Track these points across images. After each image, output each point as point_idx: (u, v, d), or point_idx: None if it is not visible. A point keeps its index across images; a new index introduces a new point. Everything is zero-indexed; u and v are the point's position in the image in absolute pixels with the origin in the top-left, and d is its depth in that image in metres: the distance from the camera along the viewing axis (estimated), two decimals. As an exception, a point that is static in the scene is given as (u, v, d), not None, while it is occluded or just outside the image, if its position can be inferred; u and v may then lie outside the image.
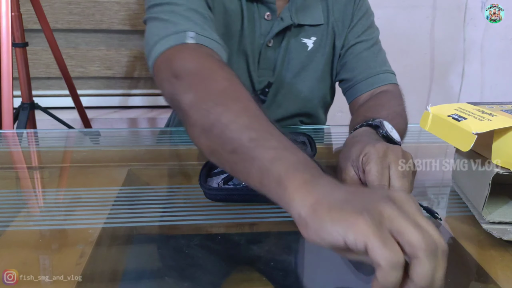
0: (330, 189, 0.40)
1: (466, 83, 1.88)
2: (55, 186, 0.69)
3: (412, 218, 0.36)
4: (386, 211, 0.35)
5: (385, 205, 0.36)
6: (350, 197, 0.38)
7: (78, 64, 1.70)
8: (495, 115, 0.55)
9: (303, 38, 0.88)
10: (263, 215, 0.58)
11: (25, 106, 1.39)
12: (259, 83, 0.89)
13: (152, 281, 0.47)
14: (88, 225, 0.55)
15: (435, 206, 0.62)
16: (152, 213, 0.58)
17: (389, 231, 0.35)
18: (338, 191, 0.39)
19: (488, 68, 1.89)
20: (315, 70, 0.91)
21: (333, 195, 0.38)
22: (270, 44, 0.86)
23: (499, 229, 0.53)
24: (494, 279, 0.46)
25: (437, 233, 0.36)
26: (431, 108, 0.62)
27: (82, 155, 0.81)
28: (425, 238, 0.34)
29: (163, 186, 0.67)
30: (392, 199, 0.37)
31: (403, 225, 0.35)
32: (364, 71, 0.88)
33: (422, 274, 0.34)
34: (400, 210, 0.36)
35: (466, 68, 1.86)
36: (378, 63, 0.89)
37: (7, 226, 0.55)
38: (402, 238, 0.34)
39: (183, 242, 0.53)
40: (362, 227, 0.34)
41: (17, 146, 0.88)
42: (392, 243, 0.34)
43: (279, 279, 0.47)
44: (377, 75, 0.87)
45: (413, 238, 0.34)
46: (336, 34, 0.90)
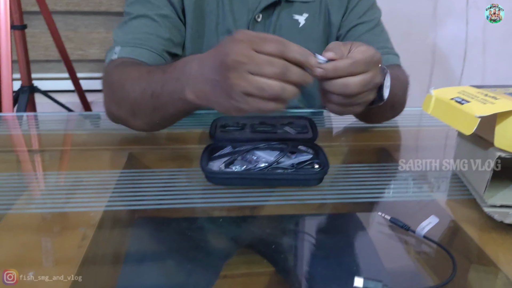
0: (201, 77, 0.58)
1: (467, 67, 1.86)
2: (56, 169, 0.69)
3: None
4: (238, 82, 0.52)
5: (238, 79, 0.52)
6: (215, 77, 0.54)
7: (77, 47, 1.68)
8: (498, 98, 0.55)
9: (294, 14, 0.87)
10: (264, 198, 0.58)
11: (25, 90, 1.38)
12: None
13: (154, 264, 0.47)
14: (89, 208, 0.55)
15: (436, 189, 0.62)
16: (153, 196, 0.58)
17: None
18: (206, 75, 0.57)
19: (490, 52, 1.87)
20: (307, 48, 0.90)
21: (204, 83, 0.57)
22: (259, 19, 0.85)
23: (501, 212, 0.53)
24: (495, 262, 0.46)
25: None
26: (434, 91, 0.62)
27: (83, 138, 0.81)
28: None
29: (164, 169, 0.67)
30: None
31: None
32: None
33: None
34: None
35: (468, 52, 1.85)
36: (381, 45, 0.88)
37: (8, 209, 0.55)
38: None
39: (185, 225, 0.53)
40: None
41: (17, 129, 0.87)
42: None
43: (280, 262, 0.47)
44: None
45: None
46: (331, 11, 0.88)
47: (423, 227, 0.49)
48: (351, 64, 0.57)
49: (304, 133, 0.73)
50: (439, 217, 0.50)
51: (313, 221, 0.57)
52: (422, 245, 0.49)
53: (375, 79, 0.59)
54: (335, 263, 0.47)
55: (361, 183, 0.63)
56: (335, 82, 0.57)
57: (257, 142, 0.67)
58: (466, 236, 0.51)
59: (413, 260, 0.48)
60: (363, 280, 0.40)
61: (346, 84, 0.57)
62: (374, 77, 0.59)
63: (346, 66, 0.56)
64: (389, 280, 0.41)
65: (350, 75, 0.57)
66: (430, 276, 0.45)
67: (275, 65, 0.52)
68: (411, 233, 0.50)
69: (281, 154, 0.63)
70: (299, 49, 0.54)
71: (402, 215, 0.55)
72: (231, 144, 0.67)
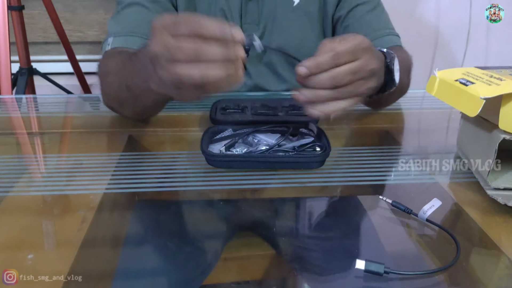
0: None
1: (470, 49, 1.84)
2: (55, 152, 0.69)
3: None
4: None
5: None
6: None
7: (76, 29, 1.66)
8: (503, 80, 0.54)
9: None
10: (265, 181, 0.58)
11: (23, 72, 1.37)
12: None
13: (154, 247, 0.47)
14: (89, 190, 0.55)
15: (439, 172, 0.62)
16: (153, 179, 0.58)
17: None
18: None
19: (494, 35, 1.85)
20: (302, 27, 0.89)
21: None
22: None
23: (504, 195, 0.52)
24: (498, 245, 0.46)
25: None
26: (438, 73, 0.61)
27: (82, 121, 0.80)
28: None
29: (164, 152, 0.66)
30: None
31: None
32: (367, 34, 0.85)
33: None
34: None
35: (472, 34, 1.83)
36: (382, 26, 0.87)
37: (7, 191, 0.54)
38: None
39: (185, 207, 0.53)
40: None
41: (16, 112, 0.87)
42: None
43: (280, 244, 0.47)
44: (381, 38, 0.85)
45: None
46: None
47: (425, 210, 0.49)
48: (334, 55, 0.53)
49: (306, 116, 0.72)
50: (442, 200, 0.50)
51: (314, 204, 0.56)
52: (424, 228, 0.49)
53: (367, 66, 0.56)
54: (336, 246, 0.47)
55: (363, 166, 0.62)
56: (321, 77, 0.54)
57: (258, 124, 0.66)
58: (469, 219, 0.51)
59: (415, 243, 0.48)
60: (365, 262, 0.40)
61: (333, 76, 0.54)
62: (365, 65, 0.55)
63: (329, 59, 0.53)
64: (390, 263, 0.41)
65: (336, 67, 0.54)
66: (433, 260, 0.45)
67: (185, 49, 0.47)
68: (413, 216, 0.50)
69: (282, 137, 0.63)
70: (217, 25, 0.48)
71: (405, 198, 0.54)
72: (232, 127, 0.67)
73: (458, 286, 0.41)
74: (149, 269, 0.43)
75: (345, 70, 0.54)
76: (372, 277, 0.40)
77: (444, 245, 0.46)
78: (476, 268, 0.43)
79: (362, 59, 0.55)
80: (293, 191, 0.57)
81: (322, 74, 0.54)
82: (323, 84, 0.54)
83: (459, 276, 0.42)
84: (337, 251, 0.46)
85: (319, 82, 0.54)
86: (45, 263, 0.42)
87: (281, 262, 0.44)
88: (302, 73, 0.54)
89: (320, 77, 0.54)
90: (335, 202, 0.56)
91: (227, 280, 0.41)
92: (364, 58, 0.55)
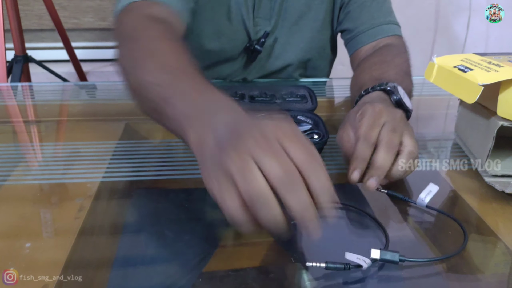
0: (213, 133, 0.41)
1: (471, 34, 1.83)
2: (52, 140, 0.68)
3: (273, 149, 0.37)
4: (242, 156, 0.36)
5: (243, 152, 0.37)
6: (224, 143, 0.39)
7: (72, 15, 1.65)
8: (502, 66, 0.53)
9: None
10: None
11: (19, 59, 1.36)
12: (255, 33, 0.86)
13: (152, 235, 0.46)
14: (86, 179, 0.54)
15: (436, 159, 0.62)
16: (150, 167, 0.58)
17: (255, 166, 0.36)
18: (219, 131, 0.40)
19: (494, 19, 1.84)
20: (313, 19, 0.88)
21: (213, 138, 0.40)
22: None
23: (502, 182, 0.52)
24: (495, 232, 0.46)
25: (303, 159, 0.37)
26: (437, 59, 0.60)
27: (79, 109, 0.79)
28: (282, 169, 0.36)
29: (161, 140, 0.66)
30: (258, 137, 0.38)
31: (262, 161, 0.36)
32: (367, 22, 0.85)
33: (289, 204, 0.36)
34: (260, 147, 0.37)
35: (472, 19, 1.81)
36: (383, 13, 0.86)
37: (4, 180, 0.54)
38: (263, 171, 0.36)
39: (183, 196, 0.53)
40: (215, 187, 0.37)
41: (12, 100, 0.86)
42: (229, 197, 0.36)
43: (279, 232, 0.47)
44: (380, 26, 0.84)
45: (269, 170, 0.36)
46: None
47: (423, 196, 0.49)
48: (365, 144, 0.50)
49: (304, 103, 0.72)
50: (440, 187, 0.50)
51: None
52: (424, 215, 0.49)
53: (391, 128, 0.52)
54: (334, 234, 0.47)
55: (361, 153, 0.62)
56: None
57: (255, 112, 0.66)
58: (467, 206, 0.51)
59: (418, 230, 0.48)
60: (380, 251, 0.40)
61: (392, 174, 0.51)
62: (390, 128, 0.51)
63: (366, 149, 0.50)
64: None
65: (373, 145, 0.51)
66: (436, 246, 0.45)
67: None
68: (412, 203, 0.50)
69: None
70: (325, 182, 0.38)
71: (403, 185, 0.54)
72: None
73: (456, 272, 0.41)
74: (148, 257, 0.43)
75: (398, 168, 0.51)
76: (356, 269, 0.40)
77: (444, 231, 0.47)
78: (473, 254, 0.43)
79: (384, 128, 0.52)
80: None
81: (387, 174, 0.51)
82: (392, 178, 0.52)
83: (456, 263, 0.42)
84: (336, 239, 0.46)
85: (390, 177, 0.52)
86: (42, 252, 0.42)
87: (279, 250, 0.44)
88: (357, 178, 0.50)
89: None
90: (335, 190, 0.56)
91: (226, 267, 0.41)
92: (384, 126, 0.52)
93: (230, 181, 0.36)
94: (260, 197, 0.35)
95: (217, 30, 0.85)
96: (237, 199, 0.36)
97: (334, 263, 0.39)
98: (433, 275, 0.41)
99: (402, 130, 0.52)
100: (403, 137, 0.52)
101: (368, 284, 0.40)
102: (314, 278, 0.40)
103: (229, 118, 0.42)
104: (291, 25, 0.87)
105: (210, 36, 0.85)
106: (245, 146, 0.37)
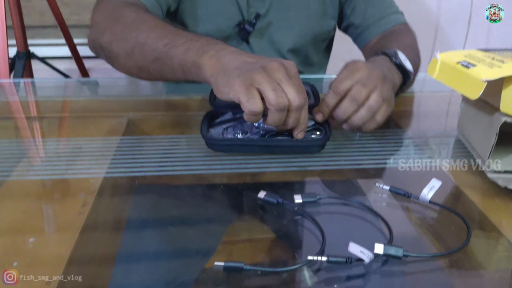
0: (228, 60, 0.55)
1: (472, 31, 1.83)
2: (54, 136, 0.68)
3: (275, 82, 0.51)
4: (257, 77, 0.51)
5: (257, 73, 0.52)
6: (240, 65, 0.53)
7: (74, 12, 1.65)
8: (505, 62, 0.53)
9: None
10: (265, 165, 0.57)
11: (21, 56, 1.36)
12: (248, 14, 0.87)
13: (154, 230, 0.47)
14: (89, 175, 0.54)
15: (439, 155, 0.62)
16: (153, 163, 0.58)
17: (257, 91, 0.51)
18: (233, 61, 0.54)
19: (496, 16, 1.83)
20: (307, 6, 0.89)
21: (229, 64, 0.54)
22: None
23: (505, 178, 0.52)
24: (498, 228, 0.46)
25: (294, 94, 0.52)
26: (440, 55, 0.60)
27: (81, 105, 0.80)
28: (277, 97, 0.51)
29: (164, 136, 0.66)
30: (265, 68, 0.52)
31: (264, 87, 0.51)
32: (374, 14, 0.89)
33: (270, 121, 0.53)
34: (268, 76, 0.51)
35: (473, 16, 1.81)
36: (388, 5, 0.90)
37: (7, 176, 0.54)
38: (264, 96, 0.51)
39: (185, 192, 0.53)
40: (236, 88, 0.51)
41: (15, 96, 0.86)
42: (254, 99, 0.51)
43: (281, 228, 0.47)
44: (387, 17, 0.88)
45: (268, 97, 0.51)
46: None
47: (426, 192, 0.49)
48: (333, 95, 0.59)
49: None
50: (443, 183, 0.50)
51: (314, 188, 0.56)
52: (427, 210, 0.49)
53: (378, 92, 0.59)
54: (336, 230, 0.47)
55: (363, 149, 0.62)
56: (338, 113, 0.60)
57: None
58: (470, 202, 0.51)
59: (420, 226, 0.48)
60: (384, 246, 0.40)
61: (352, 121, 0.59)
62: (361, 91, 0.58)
63: (332, 99, 0.59)
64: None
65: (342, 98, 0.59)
66: (438, 241, 0.45)
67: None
68: (414, 199, 0.50)
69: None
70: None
71: (406, 181, 0.54)
72: (231, 111, 0.66)
73: (459, 268, 0.41)
74: (151, 252, 0.43)
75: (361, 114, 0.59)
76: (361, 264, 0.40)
77: (447, 226, 0.46)
78: (476, 250, 0.43)
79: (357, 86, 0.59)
80: (294, 175, 0.56)
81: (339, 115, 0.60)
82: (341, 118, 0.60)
83: (459, 258, 0.42)
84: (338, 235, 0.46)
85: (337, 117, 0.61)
86: (46, 247, 0.42)
87: (281, 245, 0.45)
88: (319, 119, 0.61)
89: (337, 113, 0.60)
90: (336, 186, 0.56)
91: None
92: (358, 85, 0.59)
93: (256, 90, 0.51)
94: (282, 106, 0.52)
95: (211, 11, 0.86)
96: (260, 102, 0.51)
97: (335, 257, 0.40)
98: (436, 270, 0.41)
99: (373, 86, 0.58)
100: (372, 92, 0.58)
101: (370, 279, 0.40)
102: (315, 272, 0.40)
103: (241, 50, 0.57)
104: (284, 10, 0.88)
105: (204, 18, 0.86)
106: (272, 67, 0.52)
